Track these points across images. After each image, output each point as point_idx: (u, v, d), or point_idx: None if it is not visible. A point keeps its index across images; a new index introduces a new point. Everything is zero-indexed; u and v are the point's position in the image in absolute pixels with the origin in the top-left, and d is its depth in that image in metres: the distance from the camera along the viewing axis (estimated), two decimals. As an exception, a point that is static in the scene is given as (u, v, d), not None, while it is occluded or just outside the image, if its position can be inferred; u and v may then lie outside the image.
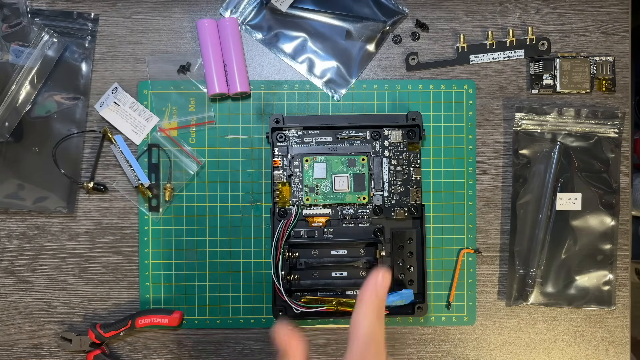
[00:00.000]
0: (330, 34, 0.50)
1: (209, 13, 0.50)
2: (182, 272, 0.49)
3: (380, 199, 0.48)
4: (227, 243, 0.49)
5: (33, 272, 0.50)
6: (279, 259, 0.45)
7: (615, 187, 0.49)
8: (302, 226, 0.48)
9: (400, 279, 0.47)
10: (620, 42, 0.50)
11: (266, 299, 0.49)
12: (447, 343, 0.50)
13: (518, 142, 0.49)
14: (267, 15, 0.50)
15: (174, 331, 0.50)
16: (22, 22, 0.47)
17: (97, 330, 0.47)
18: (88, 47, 0.49)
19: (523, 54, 0.50)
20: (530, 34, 0.49)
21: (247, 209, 0.50)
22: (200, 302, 0.49)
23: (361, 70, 0.50)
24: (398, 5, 0.50)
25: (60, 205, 0.49)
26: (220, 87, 0.48)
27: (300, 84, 0.50)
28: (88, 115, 0.49)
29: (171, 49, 0.50)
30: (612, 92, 0.50)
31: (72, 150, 0.49)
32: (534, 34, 0.49)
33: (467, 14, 0.50)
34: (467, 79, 0.50)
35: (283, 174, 0.47)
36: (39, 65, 0.48)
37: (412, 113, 0.47)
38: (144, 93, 0.49)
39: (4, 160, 0.48)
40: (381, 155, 0.48)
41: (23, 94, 0.48)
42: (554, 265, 0.49)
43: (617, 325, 0.50)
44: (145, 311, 0.48)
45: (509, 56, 0.50)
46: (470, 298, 0.50)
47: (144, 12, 0.50)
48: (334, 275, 0.47)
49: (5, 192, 0.48)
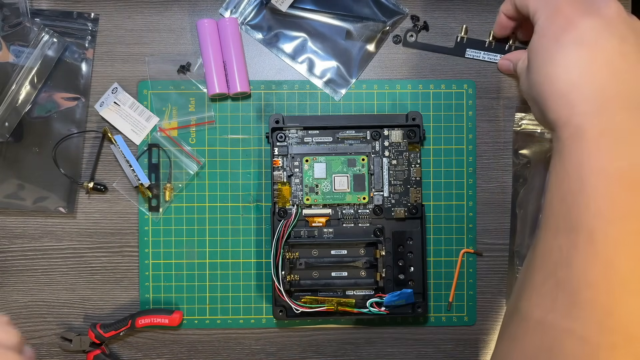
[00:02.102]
0: (330, 34, 0.50)
1: (209, 13, 0.50)
2: (182, 272, 0.49)
3: (380, 199, 0.48)
4: (227, 243, 0.49)
5: (33, 272, 0.50)
6: (279, 259, 0.45)
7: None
8: (302, 226, 0.48)
9: (400, 279, 0.47)
10: (620, 42, 0.50)
11: (266, 299, 0.49)
12: (447, 343, 0.50)
13: (518, 142, 0.49)
14: (267, 15, 0.50)
15: (174, 331, 0.50)
16: (22, 22, 0.47)
17: (97, 330, 0.47)
18: (88, 47, 0.49)
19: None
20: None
21: (247, 209, 0.50)
22: (200, 302, 0.49)
23: (361, 70, 0.50)
24: (398, 5, 0.50)
25: (60, 205, 0.49)
26: (220, 87, 0.48)
27: (300, 84, 0.50)
28: (88, 115, 0.50)
29: (171, 49, 0.50)
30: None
31: (72, 150, 0.49)
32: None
33: (467, 14, 0.50)
34: (467, 79, 0.50)
35: (283, 174, 0.48)
36: (39, 65, 0.48)
37: (412, 113, 0.47)
38: (144, 93, 0.49)
39: (4, 160, 0.48)
40: (381, 155, 0.48)
41: (23, 94, 0.48)
42: (554, 265, 0.49)
43: (617, 325, 0.50)
44: (145, 311, 0.48)
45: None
46: (470, 298, 0.50)
47: (144, 12, 0.50)
48: (334, 275, 0.47)
49: (5, 192, 0.48)
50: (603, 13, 0.35)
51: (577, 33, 0.34)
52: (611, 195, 0.31)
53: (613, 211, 0.31)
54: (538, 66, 0.36)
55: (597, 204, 0.31)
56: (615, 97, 0.32)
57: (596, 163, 0.31)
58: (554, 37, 0.35)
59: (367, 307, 0.46)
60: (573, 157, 0.32)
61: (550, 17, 0.36)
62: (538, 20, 0.37)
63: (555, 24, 0.36)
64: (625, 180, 0.31)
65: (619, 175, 0.31)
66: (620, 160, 0.31)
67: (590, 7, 0.35)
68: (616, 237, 0.31)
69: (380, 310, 0.46)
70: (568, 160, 0.33)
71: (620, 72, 0.33)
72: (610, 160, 0.31)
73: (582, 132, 0.32)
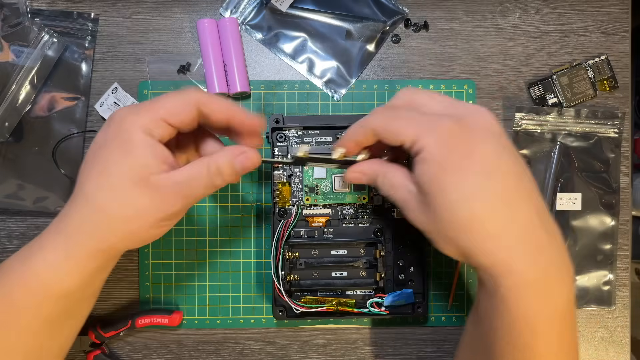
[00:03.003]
0: (330, 34, 0.50)
1: (209, 13, 0.50)
2: (182, 272, 0.49)
3: (380, 199, 0.48)
4: (227, 243, 0.49)
5: (33, 272, 0.49)
6: (279, 259, 0.45)
7: (615, 187, 0.49)
8: (302, 226, 0.48)
9: (400, 279, 0.47)
10: (620, 42, 0.50)
11: (266, 299, 0.49)
12: (447, 343, 0.50)
13: (518, 142, 0.49)
14: (267, 15, 0.50)
15: (174, 331, 0.50)
16: (22, 22, 0.47)
17: (97, 331, 0.47)
18: (88, 47, 0.49)
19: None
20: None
21: (247, 208, 0.50)
22: (200, 302, 0.49)
23: (361, 70, 0.50)
24: (398, 5, 0.50)
25: (60, 206, 0.49)
26: (220, 87, 0.48)
27: (300, 84, 0.50)
28: (88, 115, 0.50)
29: (171, 49, 0.50)
30: (616, 88, 0.50)
31: (72, 150, 0.49)
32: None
33: (467, 14, 0.50)
34: (467, 79, 0.50)
35: (283, 174, 0.47)
36: (39, 65, 0.48)
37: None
38: (144, 93, 0.49)
39: (4, 160, 0.48)
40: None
41: (23, 94, 0.48)
42: (554, 265, 0.49)
43: (617, 325, 0.50)
44: (145, 311, 0.48)
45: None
46: (471, 298, 0.50)
47: (144, 12, 0.50)
48: (334, 275, 0.47)
49: (5, 192, 0.48)
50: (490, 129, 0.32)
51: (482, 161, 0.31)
52: (559, 334, 0.32)
53: (561, 346, 0.32)
54: (450, 204, 0.31)
55: (549, 347, 0.32)
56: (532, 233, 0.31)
57: (544, 311, 0.31)
58: (460, 168, 0.31)
59: (367, 307, 0.46)
60: (520, 308, 0.31)
61: (441, 144, 0.31)
62: (424, 149, 0.32)
63: (454, 153, 0.31)
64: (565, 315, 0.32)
65: (559, 314, 0.32)
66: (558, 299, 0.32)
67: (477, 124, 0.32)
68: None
69: (380, 310, 0.46)
70: (515, 310, 0.31)
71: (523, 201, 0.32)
72: (555, 303, 0.31)
73: (523, 280, 0.31)
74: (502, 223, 0.31)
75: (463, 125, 0.32)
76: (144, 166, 0.32)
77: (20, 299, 0.33)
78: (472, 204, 0.31)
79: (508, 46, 0.51)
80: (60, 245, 0.33)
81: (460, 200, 0.31)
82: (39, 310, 0.33)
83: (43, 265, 0.33)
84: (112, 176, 0.32)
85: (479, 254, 0.31)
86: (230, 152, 0.35)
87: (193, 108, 0.34)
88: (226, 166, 0.34)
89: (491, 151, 0.32)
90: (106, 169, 0.32)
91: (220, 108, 0.35)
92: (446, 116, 0.32)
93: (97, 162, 0.33)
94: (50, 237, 0.33)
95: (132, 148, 0.32)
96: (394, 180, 0.35)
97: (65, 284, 0.33)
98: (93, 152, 0.34)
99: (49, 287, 0.33)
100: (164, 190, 0.33)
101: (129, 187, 0.32)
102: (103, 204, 0.32)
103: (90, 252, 0.33)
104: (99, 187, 0.32)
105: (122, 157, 0.32)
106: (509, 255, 0.31)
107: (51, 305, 0.33)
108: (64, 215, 0.34)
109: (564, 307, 0.32)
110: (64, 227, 0.33)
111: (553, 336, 0.32)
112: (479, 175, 0.31)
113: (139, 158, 0.32)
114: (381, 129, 0.34)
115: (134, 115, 0.33)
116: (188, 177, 0.34)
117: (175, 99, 0.33)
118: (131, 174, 0.32)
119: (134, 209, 0.32)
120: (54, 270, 0.33)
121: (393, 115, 0.34)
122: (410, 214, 0.34)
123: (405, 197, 0.34)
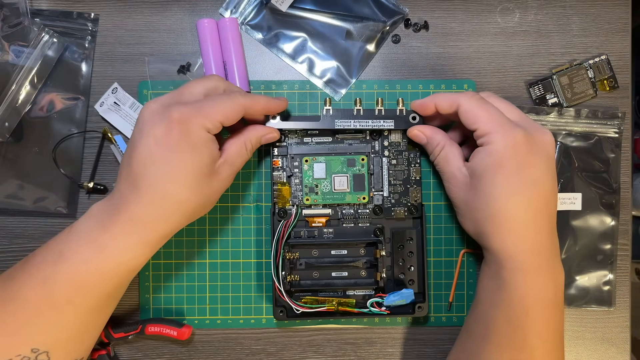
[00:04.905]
0: (330, 34, 0.50)
1: (209, 13, 0.50)
2: (182, 272, 0.49)
3: (380, 199, 0.48)
4: (227, 243, 0.49)
5: (33, 272, 0.49)
6: (279, 259, 0.45)
7: (615, 187, 0.49)
8: (302, 226, 0.48)
9: (400, 278, 0.47)
10: (620, 42, 0.50)
11: (266, 299, 0.49)
12: (448, 343, 0.50)
13: (518, 142, 0.49)
14: (267, 15, 0.50)
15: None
16: (22, 22, 0.47)
17: (107, 330, 0.47)
18: (88, 47, 0.49)
19: (393, 124, 0.46)
20: (400, 105, 0.46)
21: (247, 209, 0.50)
22: (200, 302, 0.49)
23: (361, 70, 0.50)
24: (398, 5, 0.50)
25: (60, 206, 0.49)
26: (220, 87, 0.48)
27: (300, 84, 0.50)
28: (88, 115, 0.50)
29: (171, 49, 0.50)
30: (616, 88, 0.50)
31: (72, 150, 0.49)
32: (403, 106, 0.46)
33: (467, 14, 0.50)
34: (467, 79, 0.50)
35: (283, 174, 0.47)
36: (39, 65, 0.48)
37: (412, 113, 0.47)
38: (144, 93, 0.49)
39: (4, 160, 0.48)
40: (381, 155, 0.48)
41: (23, 94, 0.48)
42: (554, 265, 0.49)
43: (617, 325, 0.50)
44: (157, 319, 0.48)
45: (377, 125, 0.46)
46: (471, 298, 0.50)
47: (144, 12, 0.50)
48: (334, 275, 0.47)
49: (5, 192, 0.48)
50: (548, 151, 0.39)
51: (533, 173, 0.38)
52: (547, 320, 0.39)
53: (548, 332, 0.39)
54: (492, 194, 0.39)
55: (537, 328, 0.38)
56: (540, 241, 0.39)
57: (536, 295, 0.39)
58: (516, 171, 0.38)
59: (368, 307, 0.46)
60: (518, 289, 0.39)
61: (509, 147, 0.38)
62: (493, 144, 0.39)
63: (515, 158, 0.38)
64: (553, 305, 0.39)
65: (548, 302, 0.39)
66: (548, 290, 0.39)
67: (540, 143, 0.39)
68: (550, 352, 0.39)
69: (380, 310, 0.46)
70: (514, 290, 0.39)
71: (544, 217, 0.39)
72: (546, 291, 0.39)
73: (525, 267, 0.39)
74: (521, 224, 0.39)
75: (530, 139, 0.38)
76: (211, 160, 0.39)
77: (90, 280, 0.37)
78: (508, 201, 0.38)
79: (508, 46, 0.51)
80: (137, 232, 0.37)
81: (502, 195, 0.38)
82: (104, 287, 0.38)
83: (121, 252, 0.38)
84: (187, 174, 0.38)
85: (494, 238, 0.39)
86: (259, 132, 0.44)
87: (242, 111, 0.40)
88: (257, 143, 0.44)
89: (542, 170, 0.39)
90: (180, 166, 0.37)
91: (260, 108, 0.42)
92: (521, 127, 0.39)
93: (168, 161, 0.37)
94: (124, 228, 0.37)
95: (201, 147, 0.38)
96: (450, 155, 0.43)
97: (137, 262, 0.39)
98: (160, 150, 0.37)
99: (122, 267, 0.38)
100: (224, 174, 0.41)
101: (203, 180, 0.39)
102: (181, 197, 0.38)
103: (163, 236, 0.39)
104: (176, 183, 0.37)
105: (193, 155, 0.38)
106: (516, 247, 0.39)
107: (116, 281, 0.39)
108: (130, 209, 0.37)
109: (552, 297, 0.39)
110: (139, 218, 0.37)
111: (542, 318, 0.39)
112: (524, 184, 0.38)
113: (207, 156, 0.38)
114: (467, 109, 0.40)
115: (199, 117, 0.38)
116: (236, 157, 0.42)
117: (228, 105, 0.39)
118: (203, 169, 0.38)
119: (205, 196, 0.39)
120: (130, 254, 0.38)
121: (482, 104, 0.40)
122: (453, 189, 0.43)
123: (456, 174, 0.42)
